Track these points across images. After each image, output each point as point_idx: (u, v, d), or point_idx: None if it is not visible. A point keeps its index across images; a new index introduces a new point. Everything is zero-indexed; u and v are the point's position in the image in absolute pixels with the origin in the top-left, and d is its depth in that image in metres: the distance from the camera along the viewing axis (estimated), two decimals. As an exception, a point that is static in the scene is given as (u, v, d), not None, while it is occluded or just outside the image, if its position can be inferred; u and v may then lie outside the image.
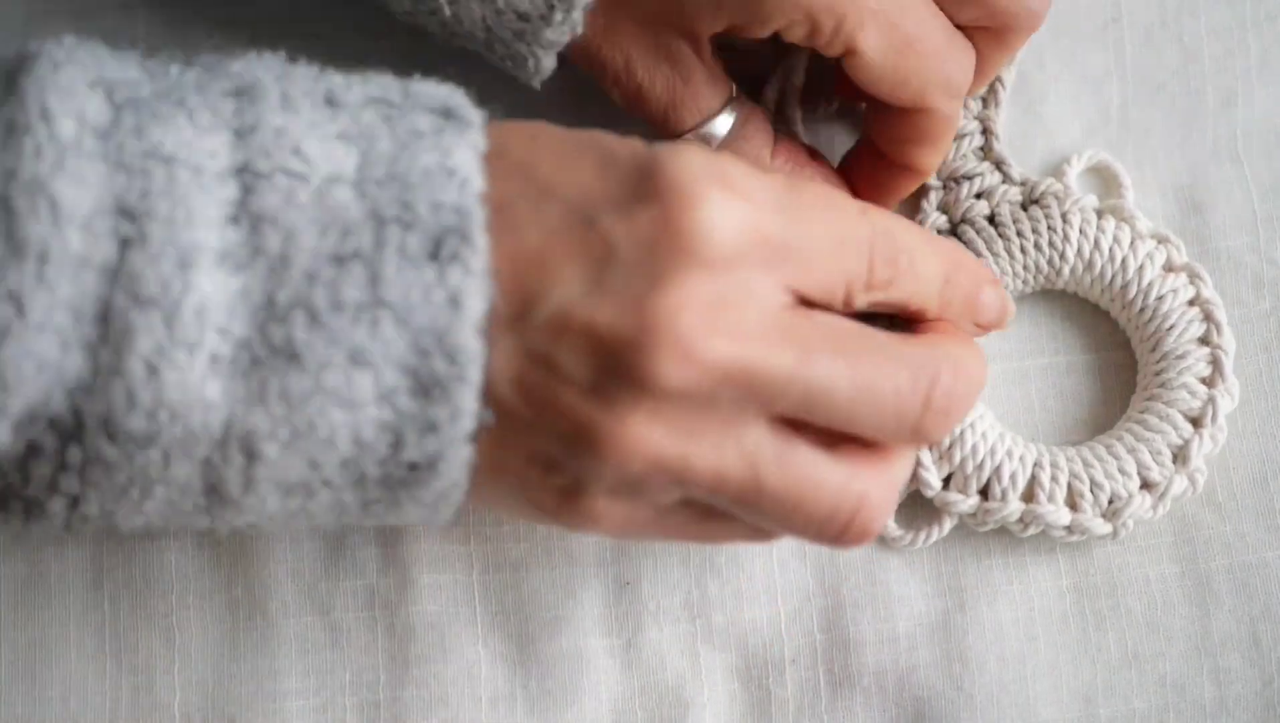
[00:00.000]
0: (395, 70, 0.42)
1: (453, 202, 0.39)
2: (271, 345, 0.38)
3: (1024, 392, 0.52)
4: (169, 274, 0.37)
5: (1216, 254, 0.53)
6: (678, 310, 0.38)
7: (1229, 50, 0.55)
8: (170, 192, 0.37)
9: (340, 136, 0.39)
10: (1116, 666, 0.49)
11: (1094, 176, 0.54)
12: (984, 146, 0.53)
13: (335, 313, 0.38)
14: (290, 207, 0.38)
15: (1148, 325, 0.51)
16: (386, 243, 0.38)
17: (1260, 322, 0.52)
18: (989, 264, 0.51)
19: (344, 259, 0.38)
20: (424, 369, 0.38)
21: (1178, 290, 0.51)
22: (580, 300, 0.39)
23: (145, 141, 0.38)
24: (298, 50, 0.42)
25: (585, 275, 0.39)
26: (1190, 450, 0.49)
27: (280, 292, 0.38)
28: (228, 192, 0.38)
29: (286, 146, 0.39)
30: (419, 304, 0.38)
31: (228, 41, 0.55)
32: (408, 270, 0.38)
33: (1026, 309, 0.53)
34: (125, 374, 0.37)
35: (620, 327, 0.38)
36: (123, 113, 0.38)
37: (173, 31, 0.56)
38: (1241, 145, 0.54)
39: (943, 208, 0.53)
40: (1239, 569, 0.50)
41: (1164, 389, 0.50)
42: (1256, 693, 0.49)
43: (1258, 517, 0.50)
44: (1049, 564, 0.50)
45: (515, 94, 0.47)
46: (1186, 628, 0.49)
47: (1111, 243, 0.51)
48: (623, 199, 0.39)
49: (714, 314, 0.39)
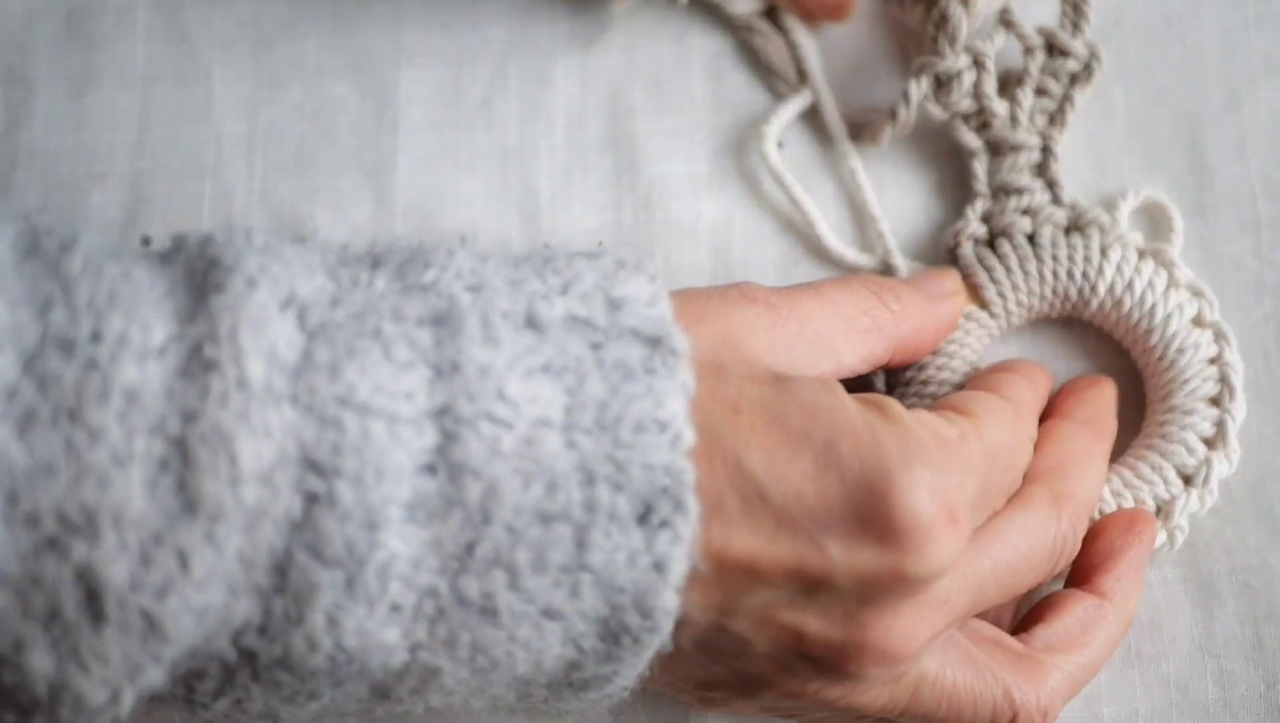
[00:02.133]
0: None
1: (664, 462, 0.37)
2: (463, 598, 0.36)
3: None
4: (356, 535, 0.35)
5: (1219, 258, 0.53)
6: (887, 633, 0.39)
7: (1231, 51, 0.55)
8: (362, 448, 0.35)
9: (545, 370, 0.37)
10: (1119, 667, 0.49)
11: (1145, 216, 0.53)
12: (1041, 165, 0.53)
13: (537, 574, 0.36)
14: (494, 457, 0.36)
15: (1164, 375, 0.50)
16: (596, 506, 0.36)
17: (1260, 326, 0.52)
18: (1019, 283, 0.51)
19: (550, 518, 0.36)
20: (615, 620, 0.37)
21: (1200, 346, 0.50)
22: (787, 607, 0.39)
23: (339, 385, 0.35)
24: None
25: (796, 589, 0.38)
26: (1175, 507, 0.49)
27: (479, 545, 0.36)
28: (425, 439, 0.36)
29: (491, 389, 0.36)
30: (623, 567, 0.37)
31: (229, 41, 0.55)
32: (615, 535, 0.37)
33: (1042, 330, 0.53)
34: (306, 624, 0.35)
35: (830, 638, 0.39)
36: (316, 344, 0.36)
37: (172, 31, 0.56)
38: (1247, 147, 0.54)
39: (985, 217, 0.52)
40: (1241, 572, 0.49)
41: (1164, 441, 0.49)
42: (1260, 695, 0.48)
43: (1259, 520, 0.50)
44: (1051, 567, 0.50)
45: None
46: (1189, 630, 0.49)
47: (1145, 287, 0.50)
48: (847, 529, 0.38)
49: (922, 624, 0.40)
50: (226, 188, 0.54)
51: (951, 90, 0.52)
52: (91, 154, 0.54)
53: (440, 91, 0.55)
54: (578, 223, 0.53)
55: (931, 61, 0.52)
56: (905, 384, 0.50)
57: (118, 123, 0.55)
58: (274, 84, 0.55)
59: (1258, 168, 0.54)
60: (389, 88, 0.55)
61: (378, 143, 0.54)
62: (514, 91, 0.55)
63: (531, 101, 0.55)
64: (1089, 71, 0.53)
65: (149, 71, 0.55)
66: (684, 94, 0.55)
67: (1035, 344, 0.52)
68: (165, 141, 0.54)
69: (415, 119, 0.55)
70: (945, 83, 0.53)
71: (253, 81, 0.55)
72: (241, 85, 0.55)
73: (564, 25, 0.56)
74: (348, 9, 0.56)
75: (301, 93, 0.55)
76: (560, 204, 0.54)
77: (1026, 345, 0.52)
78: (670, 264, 0.53)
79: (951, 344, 0.50)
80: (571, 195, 0.54)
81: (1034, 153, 0.53)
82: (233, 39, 0.56)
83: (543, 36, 0.56)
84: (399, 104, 0.55)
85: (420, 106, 0.55)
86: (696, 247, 0.53)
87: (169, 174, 0.54)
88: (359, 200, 0.54)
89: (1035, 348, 0.52)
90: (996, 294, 0.51)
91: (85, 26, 0.56)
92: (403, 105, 0.55)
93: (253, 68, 0.55)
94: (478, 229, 0.53)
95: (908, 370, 0.50)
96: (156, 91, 0.55)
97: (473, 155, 0.54)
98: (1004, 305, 0.51)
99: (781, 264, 0.53)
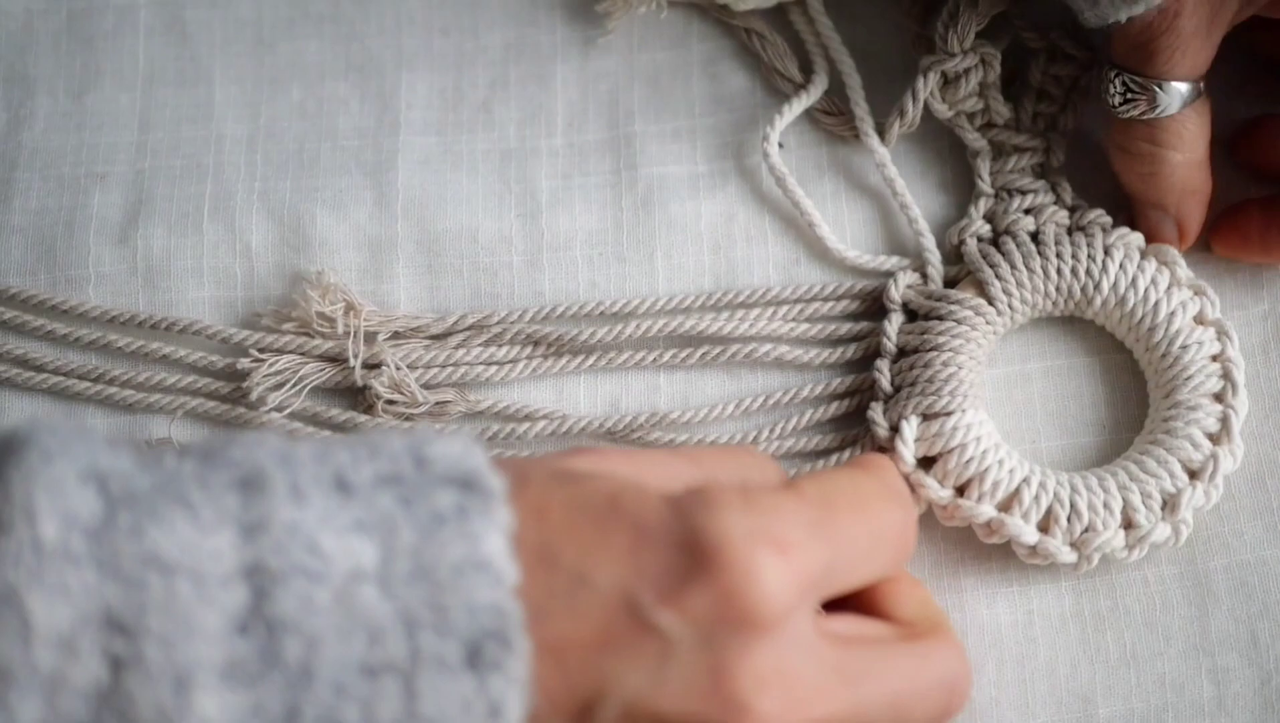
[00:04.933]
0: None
1: (488, 601, 0.36)
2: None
3: (1025, 394, 0.52)
4: (165, 698, 0.34)
5: (1217, 257, 0.53)
6: (752, 693, 0.37)
7: (1232, 48, 0.55)
8: (169, 607, 0.34)
9: (357, 527, 0.36)
10: (1115, 666, 0.49)
11: None
12: (1044, 165, 0.53)
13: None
14: (310, 612, 0.35)
15: (1167, 371, 0.51)
16: (421, 653, 0.35)
17: (1258, 323, 0.52)
18: (1023, 280, 0.51)
19: (375, 671, 0.35)
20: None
21: (1203, 344, 0.51)
22: (647, 694, 0.37)
23: (142, 544, 0.34)
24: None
25: (645, 667, 0.37)
26: (1181, 501, 0.49)
27: (305, 706, 0.35)
28: (236, 597, 0.35)
29: (301, 545, 0.35)
30: (458, 714, 0.36)
31: (230, 41, 0.56)
32: (445, 682, 0.35)
33: (1045, 329, 0.53)
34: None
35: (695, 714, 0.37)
36: (118, 509, 0.35)
37: (173, 31, 0.56)
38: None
39: (989, 217, 0.53)
40: (1237, 568, 0.50)
41: (1169, 436, 0.50)
42: (1255, 692, 0.49)
43: (1255, 516, 0.50)
44: (1048, 566, 0.50)
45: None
46: (1185, 628, 0.49)
47: (1148, 285, 0.51)
48: (669, 582, 0.37)
49: (784, 684, 0.38)
50: (227, 188, 0.54)
51: (958, 89, 0.53)
52: (92, 154, 0.54)
53: (441, 94, 0.55)
54: (577, 224, 0.54)
55: (939, 60, 0.53)
56: (911, 385, 0.50)
57: (118, 123, 0.55)
58: (274, 84, 0.55)
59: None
60: (389, 89, 0.55)
61: (378, 143, 0.54)
62: (514, 94, 0.55)
63: (531, 103, 0.55)
64: (1091, 74, 0.53)
65: (150, 72, 0.55)
66: (683, 95, 0.55)
67: (1038, 342, 0.53)
68: (166, 142, 0.54)
69: (415, 120, 0.55)
70: (952, 81, 0.53)
71: (253, 82, 0.55)
72: (242, 86, 0.55)
73: (563, 28, 0.56)
74: (348, 11, 0.56)
75: (302, 93, 0.55)
76: (560, 205, 0.54)
77: (1029, 344, 0.53)
78: (670, 264, 0.53)
79: (956, 339, 0.50)
80: (571, 196, 0.54)
81: (1037, 153, 0.53)
82: (233, 39, 0.56)
83: (542, 39, 0.56)
84: (399, 105, 0.55)
85: (420, 108, 0.55)
86: (697, 247, 0.53)
87: (169, 174, 0.54)
88: (359, 200, 0.54)
89: (1038, 346, 0.53)
90: (1001, 291, 0.51)
91: (86, 27, 0.56)
92: (403, 107, 0.55)
93: (253, 68, 0.56)
94: (478, 230, 0.53)
95: (913, 370, 0.50)
96: (157, 92, 0.55)
97: (473, 156, 0.54)
98: (1008, 303, 0.51)
99: (782, 264, 0.53)
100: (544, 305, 0.52)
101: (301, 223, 0.53)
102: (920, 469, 0.49)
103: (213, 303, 0.53)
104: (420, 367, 0.52)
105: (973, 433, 0.49)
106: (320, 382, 0.52)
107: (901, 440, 0.49)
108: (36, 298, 0.52)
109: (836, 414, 0.52)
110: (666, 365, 0.52)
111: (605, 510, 0.38)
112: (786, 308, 0.52)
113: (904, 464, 0.49)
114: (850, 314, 0.53)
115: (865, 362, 0.52)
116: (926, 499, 0.49)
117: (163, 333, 0.52)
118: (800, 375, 0.52)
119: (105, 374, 0.52)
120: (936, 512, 0.49)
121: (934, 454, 0.49)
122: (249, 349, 0.52)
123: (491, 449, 0.51)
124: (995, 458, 0.49)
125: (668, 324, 0.52)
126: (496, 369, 0.52)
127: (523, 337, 0.52)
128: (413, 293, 0.53)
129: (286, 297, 0.52)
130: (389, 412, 0.51)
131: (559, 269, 0.53)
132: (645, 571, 0.37)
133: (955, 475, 0.49)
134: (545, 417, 0.51)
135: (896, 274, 0.52)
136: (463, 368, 0.52)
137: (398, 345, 0.52)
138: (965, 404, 0.49)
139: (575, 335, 0.52)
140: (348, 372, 0.51)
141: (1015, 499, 0.49)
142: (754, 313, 0.52)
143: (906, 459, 0.49)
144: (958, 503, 0.49)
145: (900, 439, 0.49)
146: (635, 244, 0.53)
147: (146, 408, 0.52)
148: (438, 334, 0.52)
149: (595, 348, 0.52)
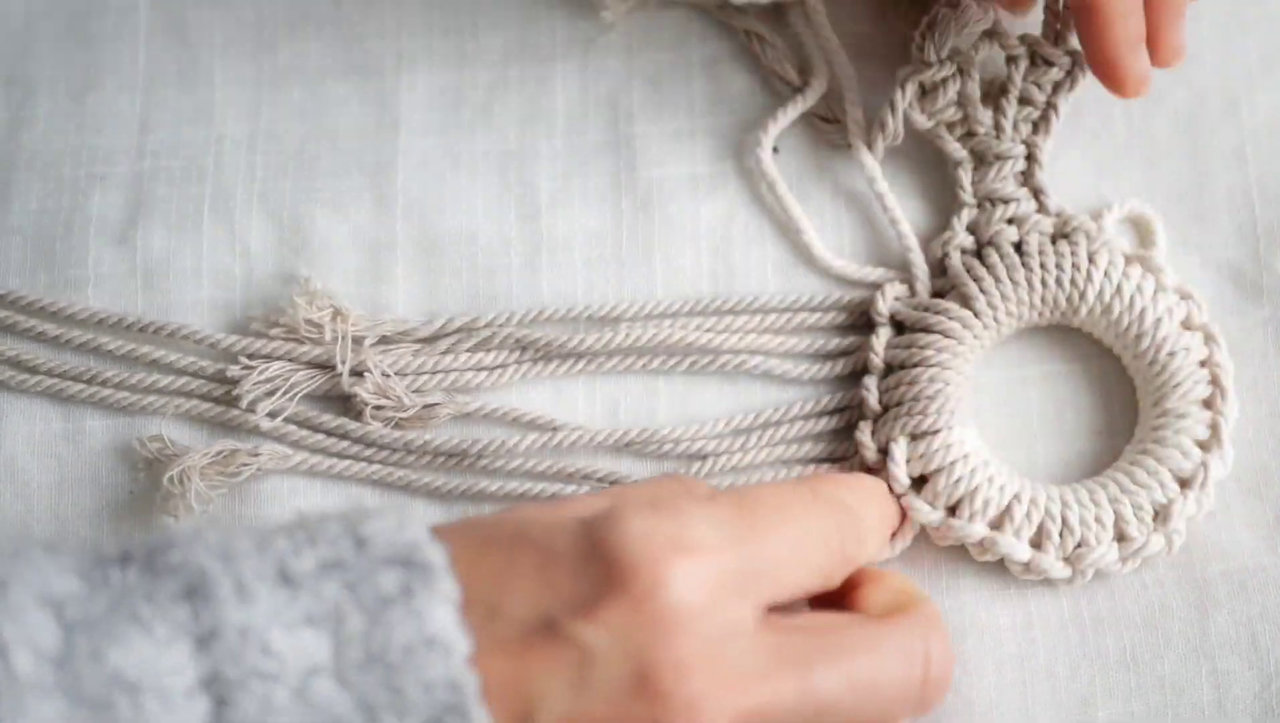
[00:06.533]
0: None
1: (441, 677, 0.37)
2: None
3: (1022, 399, 0.52)
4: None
5: (1216, 263, 0.53)
6: (676, 683, 0.38)
7: (1229, 55, 0.55)
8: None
9: (306, 620, 0.37)
10: (1115, 668, 0.49)
11: (1131, 227, 0.53)
12: (1025, 172, 0.53)
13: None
14: (270, 713, 0.36)
15: (1155, 379, 0.50)
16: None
17: (1258, 329, 0.52)
18: (1007, 292, 0.51)
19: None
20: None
21: (1191, 349, 0.50)
22: (576, 704, 0.38)
23: (104, 667, 0.36)
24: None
25: (570, 679, 0.38)
26: (1173, 511, 0.49)
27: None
28: (199, 708, 0.36)
29: (254, 647, 0.36)
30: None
31: (230, 42, 0.56)
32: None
33: (1033, 339, 0.53)
34: None
35: (628, 715, 0.38)
36: (75, 635, 0.36)
37: (173, 32, 0.56)
38: (1245, 151, 0.54)
39: (971, 228, 0.52)
40: (1236, 573, 0.49)
41: (1158, 446, 0.49)
42: (1255, 695, 0.48)
43: (1254, 523, 0.50)
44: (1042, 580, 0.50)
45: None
46: (1185, 630, 0.49)
47: (1134, 291, 0.51)
48: (583, 596, 0.39)
49: (712, 669, 0.39)
50: (226, 189, 0.54)
51: (936, 99, 0.53)
52: (93, 155, 0.54)
53: (441, 95, 0.55)
54: (577, 225, 0.54)
55: (916, 70, 0.53)
56: (898, 403, 0.50)
57: (119, 124, 0.55)
58: (275, 86, 0.55)
59: (1255, 173, 0.54)
60: (389, 90, 0.55)
61: (378, 144, 0.55)
62: (514, 95, 0.55)
63: (531, 104, 0.55)
64: (1072, 79, 0.53)
65: (150, 73, 0.56)
66: (683, 96, 0.55)
67: (1025, 353, 0.52)
68: (166, 143, 0.55)
69: (415, 121, 0.55)
70: (930, 91, 0.53)
71: (254, 83, 0.55)
72: (243, 87, 0.55)
73: (563, 29, 0.56)
74: (349, 12, 0.56)
75: (302, 94, 0.55)
76: (560, 206, 0.54)
77: (1017, 354, 0.52)
78: (669, 266, 0.53)
79: (943, 353, 0.50)
80: (571, 197, 0.54)
81: (1019, 162, 0.53)
82: (234, 41, 0.56)
83: (542, 40, 0.56)
84: (399, 106, 0.55)
85: (421, 109, 0.55)
86: (696, 248, 0.53)
87: (170, 175, 0.54)
88: (359, 201, 0.54)
89: (1026, 356, 0.52)
90: (986, 305, 0.51)
91: (87, 28, 0.56)
92: (403, 108, 0.55)
93: (254, 69, 0.56)
94: (478, 230, 0.53)
95: (899, 387, 0.50)
96: (158, 93, 0.55)
97: (473, 157, 0.54)
98: (994, 316, 0.51)
99: (782, 266, 0.53)
100: (533, 309, 0.52)
101: (301, 224, 0.53)
102: (912, 490, 0.49)
103: (211, 303, 0.53)
104: (409, 373, 0.51)
105: (961, 451, 0.49)
106: (311, 389, 0.51)
107: (893, 462, 0.49)
108: (29, 300, 0.52)
109: (826, 430, 0.51)
110: (662, 371, 0.52)
111: (512, 541, 0.40)
112: (775, 316, 0.52)
113: (897, 485, 0.49)
114: (839, 326, 0.52)
115: (854, 377, 0.52)
116: (918, 522, 0.49)
117: (154, 336, 0.52)
118: (790, 390, 0.52)
119: (99, 376, 0.52)
120: (930, 533, 0.49)
121: (924, 474, 0.49)
122: (238, 356, 0.51)
123: (479, 461, 0.51)
124: (985, 476, 0.49)
125: (659, 330, 0.52)
126: (486, 375, 0.52)
127: (512, 341, 0.52)
128: (412, 295, 0.53)
129: (278, 301, 0.52)
130: (377, 417, 0.51)
131: (557, 271, 0.53)
132: (558, 589, 0.39)
133: (946, 495, 0.49)
134: (538, 428, 0.51)
135: (884, 286, 0.52)
136: (453, 374, 0.52)
137: (386, 351, 0.52)
138: (953, 421, 0.49)
139: (565, 340, 0.52)
140: (337, 378, 0.51)
141: (1007, 516, 0.49)
142: (742, 320, 0.52)
143: (900, 480, 0.49)
144: (949, 524, 0.49)
145: (891, 461, 0.49)
146: (634, 245, 0.53)
147: (141, 410, 0.51)
148: (425, 337, 0.52)
149: (585, 354, 0.52)
